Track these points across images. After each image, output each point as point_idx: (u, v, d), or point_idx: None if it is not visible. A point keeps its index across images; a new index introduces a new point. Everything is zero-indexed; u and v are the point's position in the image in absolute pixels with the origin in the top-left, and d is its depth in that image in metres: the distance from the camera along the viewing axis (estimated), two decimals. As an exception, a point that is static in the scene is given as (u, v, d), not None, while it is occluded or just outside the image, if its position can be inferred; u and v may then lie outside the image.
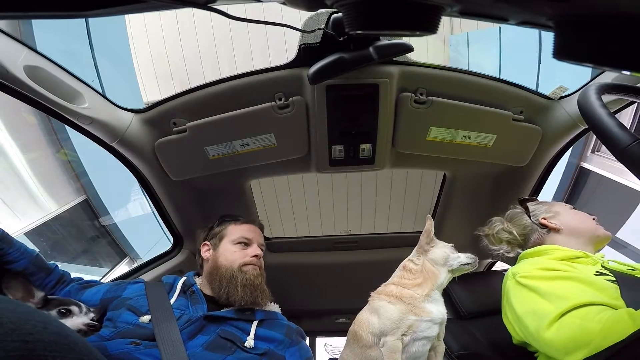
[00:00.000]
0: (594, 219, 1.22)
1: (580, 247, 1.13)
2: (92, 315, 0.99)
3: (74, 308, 0.96)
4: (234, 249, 1.29)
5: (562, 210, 1.24)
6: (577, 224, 1.19)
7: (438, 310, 1.04)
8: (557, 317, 0.88)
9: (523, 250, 1.24)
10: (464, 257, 1.11)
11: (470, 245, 1.84)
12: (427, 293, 1.05)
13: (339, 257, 1.93)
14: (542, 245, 1.17)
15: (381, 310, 1.04)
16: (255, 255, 1.29)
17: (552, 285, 0.97)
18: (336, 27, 1.04)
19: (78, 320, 0.92)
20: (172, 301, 1.15)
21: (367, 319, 1.07)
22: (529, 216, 1.25)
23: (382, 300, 1.07)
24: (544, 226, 1.21)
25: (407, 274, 1.11)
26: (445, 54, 5.12)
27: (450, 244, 1.16)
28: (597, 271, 1.01)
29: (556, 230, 1.18)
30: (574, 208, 1.27)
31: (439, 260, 1.10)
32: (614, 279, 0.97)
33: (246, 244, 1.32)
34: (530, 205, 1.29)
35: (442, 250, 1.12)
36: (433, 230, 1.16)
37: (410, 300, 1.03)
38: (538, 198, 1.42)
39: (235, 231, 1.34)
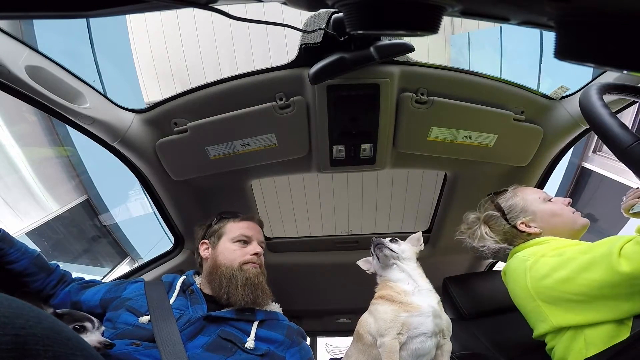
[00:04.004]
0: (569, 203, 1.21)
1: None
2: (103, 329, 1.00)
3: (88, 324, 0.95)
4: (233, 247, 1.27)
5: (537, 209, 1.20)
6: (556, 222, 1.17)
7: (427, 303, 1.04)
8: (618, 253, 0.85)
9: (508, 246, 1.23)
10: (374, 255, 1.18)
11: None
12: (401, 290, 1.07)
13: (339, 257, 1.93)
14: (538, 238, 1.15)
15: (375, 313, 1.06)
16: (255, 253, 1.27)
17: (582, 245, 0.95)
18: (337, 27, 1.03)
19: (92, 337, 0.92)
20: (171, 301, 1.14)
21: (366, 319, 1.09)
22: (506, 220, 1.22)
23: (375, 304, 1.09)
24: (523, 231, 1.19)
25: (380, 286, 1.16)
26: (446, 54, 5.12)
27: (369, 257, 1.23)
28: None
29: (537, 234, 1.17)
30: (548, 199, 1.23)
31: (378, 271, 1.18)
32: None
33: (246, 241, 1.29)
34: (503, 205, 1.25)
35: (374, 264, 1.21)
36: (365, 261, 1.26)
37: (396, 298, 1.05)
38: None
39: (234, 229, 1.32)
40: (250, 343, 1.07)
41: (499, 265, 1.98)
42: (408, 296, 1.05)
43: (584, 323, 0.94)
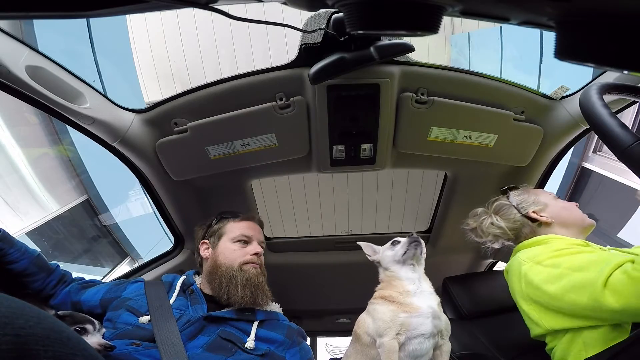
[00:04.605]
0: (576, 206, 1.22)
1: (572, 236, 1.12)
2: (103, 331, 1.00)
3: (89, 326, 0.95)
4: (233, 247, 1.27)
5: (549, 202, 1.21)
6: (566, 215, 1.18)
7: (427, 304, 1.04)
8: (604, 283, 0.84)
9: (511, 242, 1.22)
10: (401, 248, 1.15)
11: (472, 245, 1.84)
12: (405, 290, 1.08)
13: (339, 257, 1.93)
14: (542, 236, 1.15)
15: (374, 313, 1.06)
16: (256, 253, 1.27)
17: (580, 257, 0.95)
18: (337, 27, 1.03)
19: (93, 339, 0.92)
20: (171, 301, 1.14)
21: (364, 320, 1.09)
22: (517, 209, 1.23)
23: (373, 304, 1.10)
24: (534, 219, 1.19)
25: (382, 284, 1.17)
26: (447, 54, 5.12)
27: (388, 243, 1.20)
28: None
29: (547, 224, 1.17)
30: (557, 197, 1.25)
31: (388, 263, 1.16)
32: None
33: (246, 241, 1.29)
34: (515, 196, 1.26)
35: (384, 254, 1.19)
36: (369, 246, 1.24)
37: (397, 299, 1.05)
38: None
39: (234, 229, 1.32)
40: (250, 343, 1.08)
41: (499, 265, 1.99)
42: (409, 297, 1.06)
43: (578, 327, 0.95)
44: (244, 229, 1.31)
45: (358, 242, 1.26)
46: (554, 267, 0.97)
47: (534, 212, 1.19)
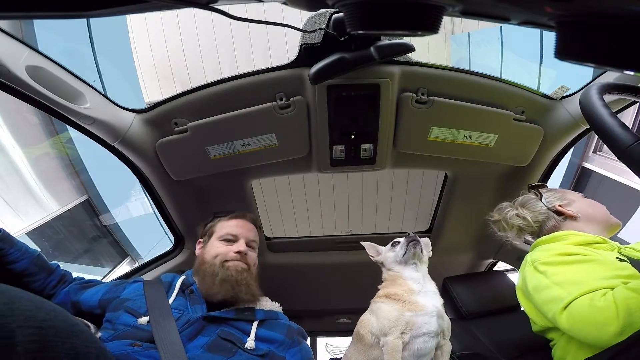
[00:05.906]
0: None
1: (597, 234, 1.12)
2: (100, 334, 0.99)
3: None
4: (217, 245, 1.26)
5: (575, 198, 1.22)
6: (593, 212, 1.18)
7: (432, 304, 1.05)
8: (565, 304, 0.88)
9: (533, 237, 1.23)
10: (401, 248, 1.16)
11: (472, 245, 1.85)
12: (409, 289, 1.08)
13: (340, 257, 1.93)
14: (559, 231, 1.15)
15: (378, 312, 1.06)
16: (239, 252, 1.24)
17: (568, 270, 0.96)
18: (337, 27, 1.03)
19: None
20: (170, 301, 1.13)
21: (367, 319, 1.09)
22: (544, 202, 1.23)
23: (377, 303, 1.10)
24: (560, 213, 1.18)
25: (386, 282, 1.17)
26: (447, 54, 5.11)
27: (389, 245, 1.22)
28: (616, 257, 1.00)
29: (573, 217, 1.16)
30: (585, 197, 1.25)
31: (391, 264, 1.17)
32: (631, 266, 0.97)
33: (232, 240, 1.28)
34: (542, 191, 1.27)
35: (386, 255, 1.20)
36: (373, 246, 1.25)
37: (402, 297, 1.05)
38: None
39: (223, 227, 1.31)
40: (250, 343, 1.07)
41: (499, 265, 1.99)
42: (414, 295, 1.06)
43: None
44: (231, 228, 1.31)
45: (361, 242, 1.26)
46: (545, 275, 0.99)
47: (560, 205, 1.19)
